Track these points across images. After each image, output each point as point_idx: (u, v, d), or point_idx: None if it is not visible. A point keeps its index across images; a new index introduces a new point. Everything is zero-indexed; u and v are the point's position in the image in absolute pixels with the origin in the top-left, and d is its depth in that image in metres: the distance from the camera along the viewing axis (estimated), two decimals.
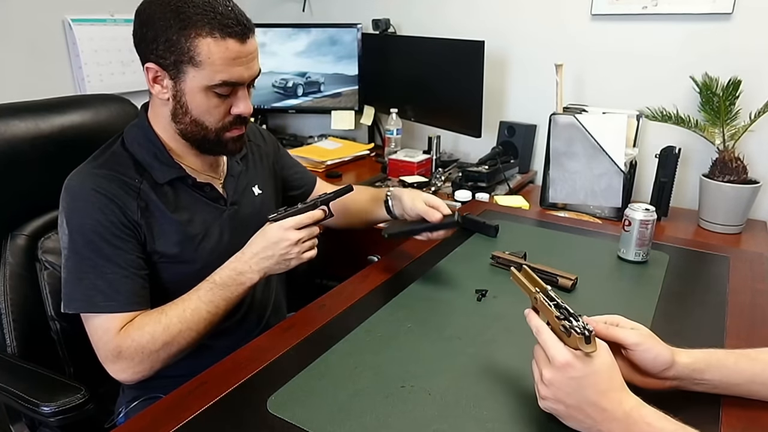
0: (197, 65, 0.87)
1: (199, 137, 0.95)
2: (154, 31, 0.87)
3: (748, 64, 1.57)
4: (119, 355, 0.86)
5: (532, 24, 1.93)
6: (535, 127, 1.96)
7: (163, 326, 0.88)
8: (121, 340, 0.86)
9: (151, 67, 0.90)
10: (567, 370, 0.62)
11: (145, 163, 0.96)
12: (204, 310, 0.90)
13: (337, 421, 0.69)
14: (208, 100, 0.91)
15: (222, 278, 0.92)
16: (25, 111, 1.08)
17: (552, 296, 0.68)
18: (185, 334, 0.89)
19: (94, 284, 0.87)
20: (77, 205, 0.90)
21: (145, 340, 0.86)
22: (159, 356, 0.88)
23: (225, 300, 0.92)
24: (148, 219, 0.93)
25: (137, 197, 0.93)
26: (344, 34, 2.24)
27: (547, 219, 1.48)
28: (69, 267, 0.89)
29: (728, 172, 1.53)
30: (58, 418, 0.81)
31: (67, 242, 0.89)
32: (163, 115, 0.95)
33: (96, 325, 0.88)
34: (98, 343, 0.88)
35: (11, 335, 1.03)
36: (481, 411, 0.71)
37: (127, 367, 0.87)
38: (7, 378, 0.90)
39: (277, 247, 0.92)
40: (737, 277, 1.11)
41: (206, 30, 0.86)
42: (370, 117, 2.33)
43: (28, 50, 1.80)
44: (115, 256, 0.89)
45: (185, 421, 0.69)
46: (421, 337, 0.88)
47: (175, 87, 0.91)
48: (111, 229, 0.89)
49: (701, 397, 0.73)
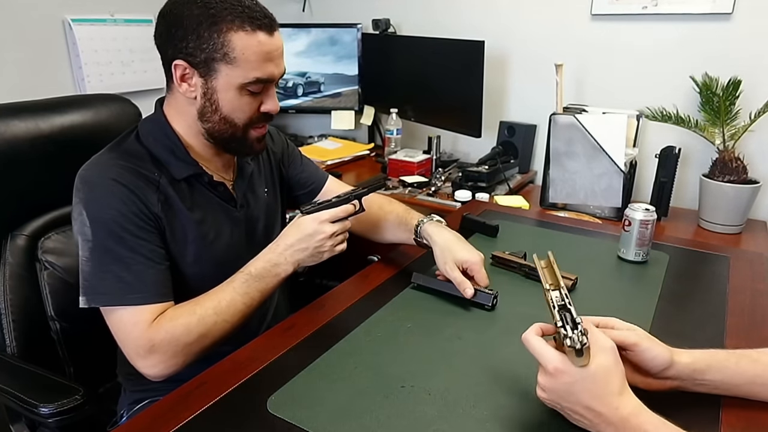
0: (231, 62, 0.87)
1: (226, 136, 0.94)
2: (183, 29, 0.86)
3: (748, 64, 1.57)
4: (151, 349, 0.83)
5: (532, 24, 1.93)
6: (535, 127, 1.97)
7: (198, 317, 0.86)
8: (153, 332, 0.84)
9: (179, 64, 0.88)
10: (558, 376, 0.61)
11: (162, 158, 0.94)
12: (239, 302, 0.89)
13: (337, 421, 0.69)
14: (240, 98, 0.91)
15: (257, 270, 0.91)
16: (25, 111, 1.08)
17: (562, 295, 0.66)
18: (220, 326, 0.87)
19: (119, 276, 0.84)
20: (96, 196, 0.87)
21: (179, 332, 0.84)
22: (192, 349, 0.86)
23: (260, 291, 0.91)
24: (167, 213, 0.91)
25: (157, 190, 0.91)
26: (344, 34, 2.24)
27: (547, 219, 1.48)
28: (91, 260, 0.85)
29: (728, 172, 1.53)
30: (56, 420, 0.81)
31: (89, 234, 0.85)
32: (187, 113, 0.94)
33: (124, 319, 0.85)
34: (127, 338, 0.85)
35: (11, 335, 1.03)
36: (481, 411, 0.71)
37: (160, 362, 0.84)
38: (6, 378, 0.90)
39: (312, 240, 0.92)
40: (737, 277, 1.11)
41: (236, 23, 0.85)
42: (370, 117, 2.33)
43: (28, 50, 1.80)
44: (140, 246, 0.87)
45: (185, 421, 0.69)
46: (421, 337, 0.88)
47: (206, 85, 0.90)
48: (133, 219, 0.87)
49: (701, 398, 0.73)
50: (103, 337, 1.10)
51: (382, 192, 1.82)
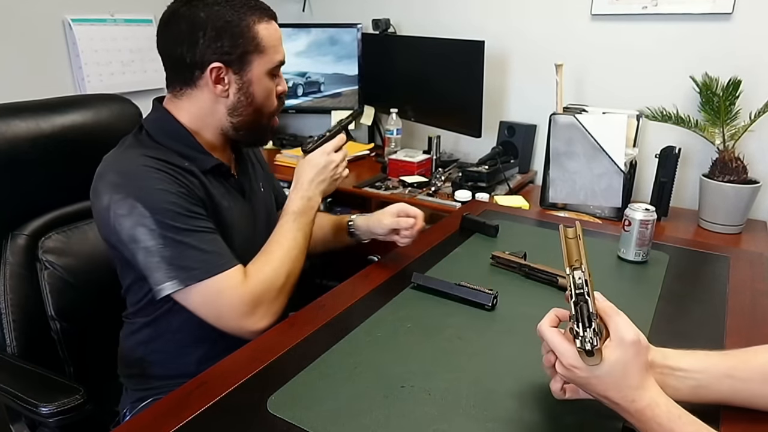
0: (262, 51, 0.94)
1: (254, 127, 1.00)
2: (215, 31, 0.90)
3: (748, 64, 1.57)
4: (255, 303, 0.89)
5: (532, 24, 1.93)
6: (535, 127, 1.97)
7: (278, 260, 0.95)
8: (250, 287, 0.89)
9: (216, 66, 0.92)
10: (573, 371, 0.62)
11: (183, 152, 0.95)
12: (300, 237, 0.99)
13: (337, 421, 0.69)
14: (268, 84, 0.98)
15: (298, 207, 1.02)
16: (25, 111, 1.08)
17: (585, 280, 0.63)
18: (295, 261, 0.97)
19: (201, 249, 0.87)
20: (145, 185, 0.87)
21: (271, 277, 0.92)
22: (284, 290, 0.94)
23: (307, 225, 1.02)
24: (206, 199, 0.95)
25: (193, 176, 0.94)
26: (344, 34, 2.24)
27: (547, 219, 1.48)
28: (167, 245, 0.86)
29: (728, 172, 1.53)
30: (57, 419, 0.81)
31: (152, 224, 0.85)
32: (210, 113, 0.97)
33: (219, 287, 0.88)
34: (229, 302, 0.88)
35: (11, 335, 1.03)
36: (481, 411, 0.71)
37: (266, 312, 0.91)
38: (6, 378, 0.90)
39: (327, 170, 1.05)
40: (737, 277, 1.11)
41: (257, 16, 0.93)
42: (370, 117, 2.33)
43: (28, 50, 1.80)
44: (204, 223, 0.91)
45: (185, 421, 0.69)
46: (421, 337, 0.88)
47: (241, 79, 0.95)
48: (187, 199, 0.89)
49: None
50: (104, 337, 1.11)
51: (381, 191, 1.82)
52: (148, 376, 1.01)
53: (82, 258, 1.12)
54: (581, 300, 0.62)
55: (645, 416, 0.60)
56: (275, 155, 2.20)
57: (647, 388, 0.61)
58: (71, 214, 1.13)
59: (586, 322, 0.61)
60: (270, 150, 2.35)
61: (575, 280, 0.63)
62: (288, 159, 2.15)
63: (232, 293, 0.88)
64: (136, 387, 1.03)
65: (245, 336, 0.90)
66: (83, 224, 1.15)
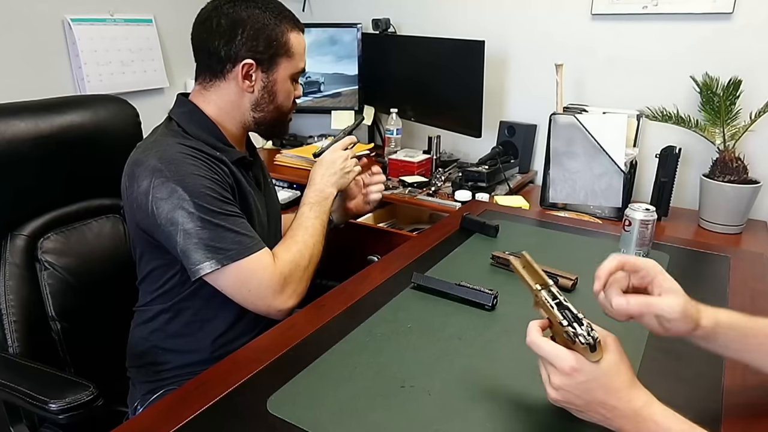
0: (290, 56, 1.04)
1: (275, 122, 1.09)
2: (253, 30, 0.99)
3: (748, 63, 1.57)
4: (285, 280, 0.97)
5: (532, 24, 1.93)
6: (535, 127, 1.97)
7: (302, 243, 1.03)
8: (280, 267, 0.97)
9: (248, 62, 1.00)
10: (574, 375, 0.61)
11: (212, 143, 1.01)
12: (318, 224, 1.08)
13: (337, 421, 0.69)
14: (290, 86, 1.07)
15: (313, 198, 1.12)
16: (24, 111, 1.08)
17: (555, 293, 0.65)
18: (317, 246, 1.05)
19: (235, 231, 0.93)
20: (185, 170, 0.92)
21: (297, 258, 1.00)
22: (309, 271, 1.02)
23: (324, 213, 1.11)
24: (235, 188, 1.01)
25: (225, 165, 1.00)
26: (344, 34, 2.24)
27: (547, 219, 1.48)
28: (204, 227, 0.91)
29: (728, 172, 1.53)
30: (67, 416, 0.81)
31: (191, 207, 0.90)
32: (235, 106, 1.04)
33: (252, 267, 0.94)
34: (261, 281, 0.94)
35: (12, 336, 1.03)
36: (481, 411, 0.71)
37: (293, 291, 0.98)
38: (14, 377, 0.89)
39: (336, 165, 1.16)
40: (737, 277, 1.11)
41: (290, 25, 1.03)
42: (370, 117, 2.33)
43: (28, 50, 1.80)
44: (236, 209, 0.97)
45: (185, 421, 0.69)
46: (421, 337, 0.88)
47: (267, 78, 1.03)
48: (222, 185, 0.96)
49: (702, 398, 0.73)
50: (104, 338, 1.11)
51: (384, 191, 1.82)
52: (160, 364, 1.02)
53: (81, 258, 1.12)
54: (563, 307, 0.64)
55: (641, 416, 0.59)
56: (275, 155, 2.20)
57: (639, 388, 0.62)
58: (70, 215, 1.13)
59: (578, 321, 0.62)
60: (270, 150, 2.35)
61: (552, 293, 0.65)
62: (288, 159, 2.15)
63: (263, 273, 0.94)
64: (146, 379, 1.03)
65: (273, 315, 0.97)
66: (82, 224, 1.15)
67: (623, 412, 0.60)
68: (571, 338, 0.61)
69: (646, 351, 0.83)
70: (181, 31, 2.19)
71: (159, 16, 2.14)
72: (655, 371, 0.79)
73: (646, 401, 0.60)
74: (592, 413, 0.62)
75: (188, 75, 2.23)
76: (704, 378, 0.78)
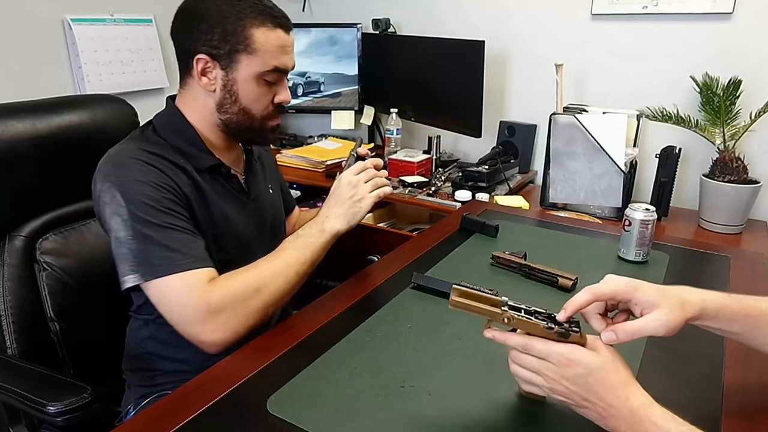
0: (252, 53, 0.93)
1: (244, 126, 0.99)
2: (207, 23, 0.92)
3: (748, 64, 1.57)
4: (214, 309, 0.84)
5: (532, 24, 1.93)
6: (535, 127, 1.96)
7: (256, 271, 0.89)
8: (211, 292, 0.85)
9: (201, 58, 0.93)
10: (572, 367, 0.61)
11: (183, 149, 0.97)
12: (293, 257, 0.93)
13: (337, 421, 0.69)
14: (258, 88, 0.96)
15: (304, 229, 0.98)
16: (23, 111, 1.07)
17: (515, 306, 0.66)
18: (277, 280, 0.90)
19: (166, 246, 0.85)
20: (130, 177, 0.88)
21: (237, 287, 0.87)
22: (251, 306, 0.87)
23: (309, 247, 0.95)
24: (198, 198, 0.95)
25: (185, 174, 0.94)
26: (344, 34, 2.24)
27: (547, 219, 1.48)
28: (135, 237, 0.85)
29: (729, 172, 1.53)
30: (65, 418, 0.81)
31: (125, 214, 0.86)
32: (204, 107, 0.98)
33: (175, 286, 0.85)
34: (183, 305, 0.85)
35: (11, 337, 1.03)
36: (481, 411, 0.71)
37: (225, 323, 0.85)
38: (12, 378, 0.89)
39: (342, 193, 0.99)
40: (738, 277, 1.11)
41: (259, 20, 0.93)
42: (370, 117, 2.33)
43: (28, 50, 1.80)
44: (177, 220, 0.89)
45: (185, 421, 0.69)
46: (421, 337, 0.88)
47: (226, 76, 0.94)
48: (167, 195, 0.89)
49: (702, 398, 0.73)
50: (103, 338, 1.11)
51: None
52: (154, 370, 1.01)
53: (80, 259, 1.12)
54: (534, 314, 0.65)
55: (639, 416, 0.59)
56: (275, 155, 2.19)
57: (638, 387, 0.61)
58: (69, 215, 1.13)
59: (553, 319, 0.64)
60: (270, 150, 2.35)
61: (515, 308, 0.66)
62: (288, 159, 2.15)
63: (188, 295, 0.85)
64: (141, 383, 1.03)
65: (200, 346, 0.86)
66: (81, 225, 1.15)
67: (619, 411, 0.60)
68: (565, 334, 0.62)
69: (646, 350, 0.83)
70: None
71: (159, 16, 2.14)
72: (655, 370, 0.79)
73: (643, 402, 0.60)
74: (590, 411, 0.62)
75: None
76: (704, 377, 0.78)
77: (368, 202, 1.00)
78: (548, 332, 0.63)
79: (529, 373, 0.66)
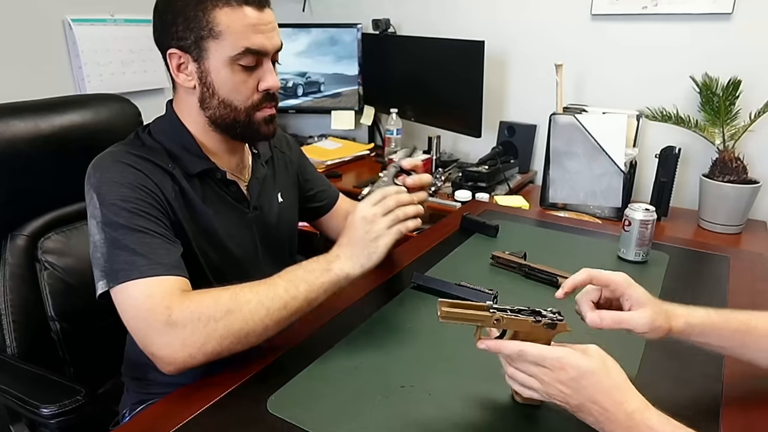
0: (217, 36, 0.85)
1: (229, 120, 0.91)
2: (172, 14, 0.86)
3: (748, 64, 1.57)
4: (170, 322, 0.74)
5: (532, 24, 1.93)
6: (535, 127, 1.97)
7: (231, 293, 0.78)
8: (174, 303, 0.76)
9: (173, 53, 0.88)
10: (566, 370, 0.61)
11: (175, 153, 0.92)
12: (281, 288, 0.80)
13: (337, 421, 0.69)
14: (233, 75, 0.88)
15: (308, 263, 0.84)
16: (24, 111, 1.08)
17: (501, 307, 0.67)
18: (254, 307, 0.77)
19: (132, 250, 0.79)
20: (108, 178, 0.84)
21: (206, 304, 0.76)
22: (217, 329, 0.75)
23: (306, 282, 0.81)
24: (183, 205, 0.90)
25: (171, 180, 0.89)
26: (344, 34, 2.24)
27: (547, 219, 1.48)
28: (105, 240, 0.81)
29: (728, 172, 1.53)
30: (58, 420, 0.81)
31: (99, 216, 0.82)
32: (191, 106, 0.93)
33: (136, 292, 0.77)
34: (140, 312, 0.76)
35: (11, 336, 1.03)
36: (481, 411, 0.71)
37: (178, 339, 0.74)
38: (7, 379, 0.89)
39: (356, 230, 0.85)
40: (737, 277, 1.11)
41: (222, 1, 0.85)
42: (370, 117, 2.33)
43: (28, 50, 1.80)
44: (152, 225, 0.83)
45: (185, 421, 0.69)
46: (421, 337, 0.88)
47: (200, 68, 0.88)
48: (146, 199, 0.84)
49: (702, 398, 0.73)
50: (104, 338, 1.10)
51: None
52: (150, 380, 1.00)
53: (81, 258, 1.12)
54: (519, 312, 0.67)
55: (634, 420, 0.59)
56: None
57: (633, 391, 0.62)
58: (70, 215, 1.13)
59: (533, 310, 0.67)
60: None
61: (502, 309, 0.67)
62: None
63: (144, 302, 0.76)
64: (137, 389, 1.02)
65: (154, 362, 0.77)
66: (82, 224, 1.14)
67: (615, 415, 0.60)
68: (552, 324, 0.66)
69: (645, 350, 0.83)
70: None
71: None
72: (655, 370, 0.79)
73: (639, 406, 0.60)
74: (586, 414, 0.62)
75: None
76: (704, 377, 0.78)
77: (386, 241, 0.84)
78: (537, 325, 0.65)
79: (526, 377, 0.66)
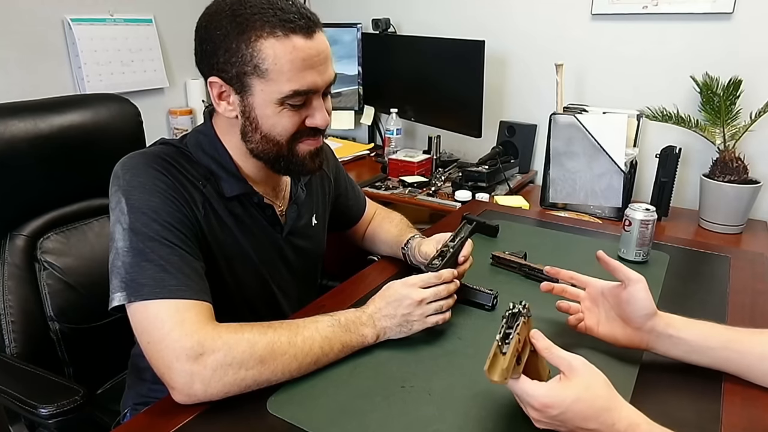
0: (263, 75, 0.77)
1: (272, 155, 0.85)
2: (213, 43, 0.79)
3: (748, 63, 1.57)
4: (199, 356, 0.69)
5: (532, 24, 1.93)
6: (535, 127, 1.96)
7: (268, 339, 0.73)
8: (207, 336, 0.70)
9: (214, 81, 0.81)
10: (547, 411, 0.61)
11: (212, 171, 0.87)
12: (317, 344, 0.77)
13: (337, 422, 0.69)
14: (279, 115, 0.81)
15: (346, 319, 0.82)
16: (24, 111, 1.07)
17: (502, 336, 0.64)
18: (287, 361, 0.73)
19: (160, 265, 0.74)
20: (140, 183, 0.79)
21: (242, 346, 0.71)
22: (245, 379, 0.71)
23: (341, 344, 0.79)
24: (210, 224, 0.85)
25: (202, 197, 0.84)
26: (344, 34, 2.24)
27: (547, 219, 1.48)
28: (129, 249, 0.75)
29: (729, 172, 1.53)
30: (56, 420, 0.81)
31: (127, 222, 0.76)
32: (233, 133, 0.86)
33: (160, 314, 0.71)
34: (166, 338, 0.70)
35: (10, 336, 1.03)
36: (481, 411, 0.71)
37: (199, 375, 0.69)
38: (5, 379, 0.89)
39: (400, 306, 0.83)
40: (738, 277, 1.11)
41: (266, 30, 0.76)
42: (370, 117, 2.33)
43: (28, 50, 1.80)
44: (181, 242, 0.78)
45: (186, 421, 0.69)
46: (421, 337, 0.88)
47: (243, 102, 0.81)
48: (176, 215, 0.79)
49: (702, 399, 0.73)
50: (103, 338, 1.11)
51: (381, 191, 1.81)
52: (153, 380, 1.00)
53: (81, 258, 1.12)
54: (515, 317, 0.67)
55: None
56: None
57: (621, 408, 0.61)
58: (70, 215, 1.13)
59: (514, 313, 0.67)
60: None
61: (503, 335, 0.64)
62: None
63: (174, 327, 0.70)
64: (139, 392, 1.02)
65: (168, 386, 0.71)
66: (82, 224, 1.15)
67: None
68: (502, 346, 0.62)
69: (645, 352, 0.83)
70: (181, 31, 2.20)
71: (159, 16, 2.14)
72: (654, 371, 0.79)
73: (630, 423, 0.60)
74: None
75: (188, 75, 2.23)
76: (704, 379, 0.78)
77: (419, 327, 0.84)
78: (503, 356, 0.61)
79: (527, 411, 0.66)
